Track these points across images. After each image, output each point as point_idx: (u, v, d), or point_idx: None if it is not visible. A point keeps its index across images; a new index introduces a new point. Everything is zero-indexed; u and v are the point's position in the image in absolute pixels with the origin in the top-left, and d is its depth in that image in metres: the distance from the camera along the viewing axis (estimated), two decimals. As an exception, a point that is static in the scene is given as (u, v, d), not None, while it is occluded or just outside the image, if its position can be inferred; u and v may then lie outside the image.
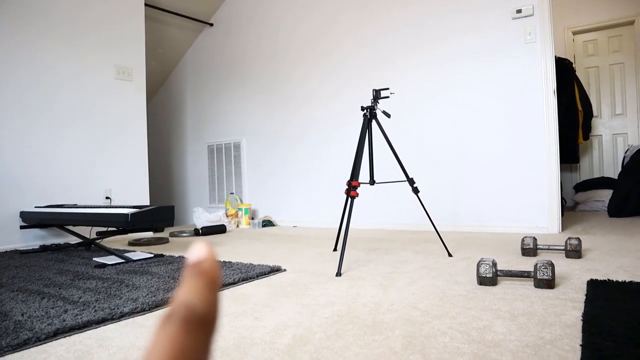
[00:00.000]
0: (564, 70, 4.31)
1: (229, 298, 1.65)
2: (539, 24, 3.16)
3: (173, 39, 5.25)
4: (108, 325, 1.37)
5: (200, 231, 3.88)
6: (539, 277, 1.54)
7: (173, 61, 5.59)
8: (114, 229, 2.62)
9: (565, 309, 1.33)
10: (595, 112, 5.00)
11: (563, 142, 4.00)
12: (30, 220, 3.12)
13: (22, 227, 3.23)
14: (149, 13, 4.62)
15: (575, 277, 1.73)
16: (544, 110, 3.14)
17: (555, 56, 3.39)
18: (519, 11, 3.23)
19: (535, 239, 2.22)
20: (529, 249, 2.21)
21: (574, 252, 2.11)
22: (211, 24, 5.23)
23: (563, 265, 1.97)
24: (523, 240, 2.24)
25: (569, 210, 4.82)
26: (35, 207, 3.35)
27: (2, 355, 1.16)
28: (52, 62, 3.58)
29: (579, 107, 4.50)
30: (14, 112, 3.35)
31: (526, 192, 3.21)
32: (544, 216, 3.14)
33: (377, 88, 2.94)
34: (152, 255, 2.63)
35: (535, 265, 1.56)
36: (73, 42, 3.72)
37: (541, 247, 2.24)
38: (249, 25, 4.90)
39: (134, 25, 4.16)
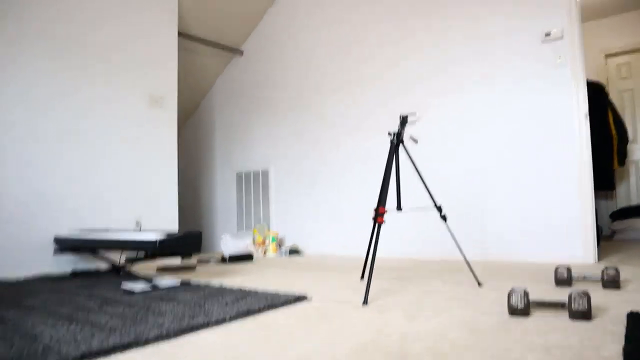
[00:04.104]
0: (597, 94, 4.22)
1: (253, 326, 1.63)
2: (569, 47, 3.13)
3: (204, 67, 5.41)
4: (133, 351, 1.37)
5: (228, 259, 3.90)
6: (574, 308, 1.47)
7: (204, 89, 5.74)
8: (143, 254, 2.66)
9: (604, 342, 1.26)
10: (631, 137, 4.87)
11: (597, 168, 3.89)
12: (63, 245, 3.20)
13: (55, 253, 3.32)
14: (181, 42, 4.78)
15: (613, 308, 1.65)
16: (576, 135, 3.07)
17: (587, 79, 3.33)
18: (547, 34, 3.20)
19: (569, 269, 2.14)
20: (563, 279, 2.13)
21: (611, 282, 2.02)
22: (241, 53, 5.37)
23: (600, 296, 1.88)
24: (557, 269, 2.16)
25: (606, 239, 4.64)
26: (68, 232, 3.44)
27: (30, 380, 1.17)
28: (88, 90, 3.73)
29: (613, 132, 4.38)
30: (48, 136, 3.48)
31: (559, 220, 3.11)
32: (578, 245, 3.03)
33: (403, 114, 2.94)
34: (179, 283, 2.65)
35: (570, 296, 1.50)
36: (110, 72, 3.87)
37: (576, 276, 2.16)
38: (277, 53, 5.00)
39: (167, 55, 4.31)
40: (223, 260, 3.91)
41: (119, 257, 3.62)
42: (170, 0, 4.38)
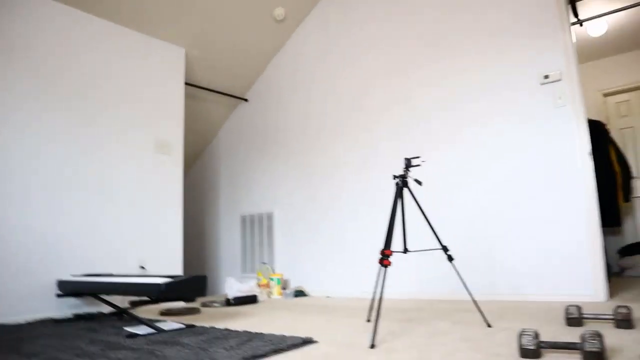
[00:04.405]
0: (598, 132, 4.26)
1: (259, 370, 1.60)
2: (568, 88, 3.18)
3: (210, 113, 5.51)
4: (136, 399, 1.34)
5: (232, 301, 3.85)
6: (587, 349, 1.44)
7: (209, 134, 5.83)
8: (147, 298, 2.63)
9: (619, 385, 1.23)
10: (635, 173, 4.87)
11: (603, 204, 3.88)
12: (66, 288, 3.18)
13: (58, 296, 3.29)
14: (188, 90, 4.90)
15: (628, 349, 1.61)
16: (580, 173, 3.08)
17: (588, 119, 3.37)
18: (546, 77, 3.27)
19: (580, 308, 2.10)
20: (574, 319, 2.08)
21: (624, 321, 1.97)
22: (246, 100, 5.48)
23: (613, 335, 1.84)
24: (567, 309, 2.12)
25: (615, 276, 4.57)
26: (71, 275, 3.42)
27: None
28: (96, 136, 3.79)
29: (616, 168, 4.39)
30: (53, 181, 3.52)
31: (568, 258, 3.08)
32: (588, 283, 2.98)
33: (408, 157, 2.97)
34: (184, 326, 2.61)
35: (583, 336, 1.46)
36: (117, 119, 3.95)
37: (587, 316, 2.12)
38: (282, 100, 5.11)
39: (174, 103, 4.41)
40: (228, 302, 3.85)
41: (122, 301, 3.58)
42: (177, 50, 4.52)
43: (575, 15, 3.89)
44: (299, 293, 4.40)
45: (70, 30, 3.74)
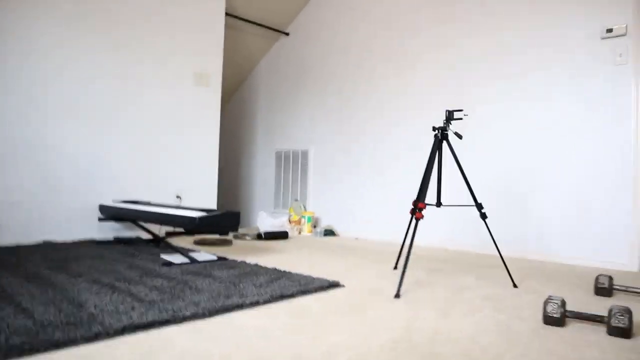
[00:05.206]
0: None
1: (286, 311, 1.67)
2: (632, 44, 2.96)
3: (250, 46, 5.43)
4: (170, 327, 1.43)
5: (263, 235, 3.97)
6: (613, 324, 1.43)
7: (248, 67, 5.77)
8: (182, 229, 2.74)
9: (642, 363, 1.23)
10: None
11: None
12: (108, 213, 3.34)
13: (100, 220, 3.46)
14: (228, 21, 4.81)
15: (655, 325, 1.60)
16: (631, 134, 2.93)
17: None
18: (609, 30, 3.04)
19: (611, 278, 2.07)
20: (604, 289, 2.06)
21: (655, 296, 1.94)
22: (287, 33, 5.35)
23: (642, 310, 1.82)
24: (597, 278, 2.10)
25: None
26: (113, 201, 3.58)
27: (76, 345, 1.24)
28: (136, 69, 3.82)
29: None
30: (98, 110, 3.60)
31: (605, 222, 3.00)
32: (624, 251, 2.92)
33: (450, 109, 2.88)
34: (216, 258, 2.72)
35: (610, 311, 1.45)
36: (157, 51, 3.94)
37: (618, 287, 2.09)
38: (323, 35, 4.96)
39: (214, 34, 4.34)
40: (259, 236, 3.98)
41: (159, 229, 3.75)
42: (221, -25, 4.39)
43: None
44: (329, 232, 4.49)
45: (115, -47, 3.67)
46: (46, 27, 3.33)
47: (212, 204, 4.38)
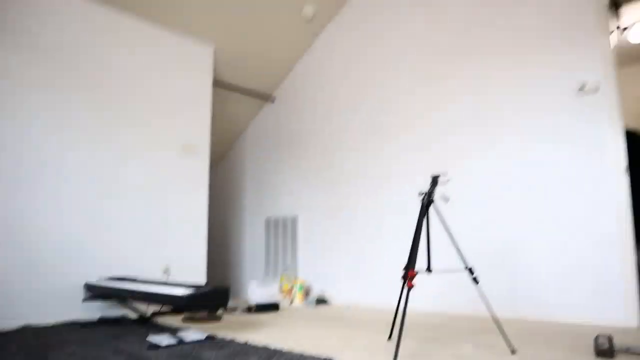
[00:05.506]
0: (637, 143, 4.08)
1: (277, 396, 1.59)
2: (606, 98, 3.06)
3: (237, 112, 5.55)
4: None
5: (254, 308, 3.86)
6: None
7: (235, 134, 5.87)
8: (170, 307, 2.66)
9: None
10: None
11: (638, 222, 3.72)
12: (94, 292, 3.24)
13: (84, 300, 3.36)
14: (215, 89, 4.93)
15: (661, 391, 1.54)
16: (615, 190, 2.97)
17: (628, 129, 3.23)
18: (581, 88, 3.15)
19: (611, 338, 2.02)
20: (605, 350, 2.01)
21: (658, 356, 1.89)
22: (273, 99, 5.48)
23: (646, 373, 1.76)
24: (597, 338, 2.05)
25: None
26: (98, 279, 3.49)
27: None
28: (123, 139, 3.86)
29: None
30: (82, 184, 3.59)
31: (598, 280, 2.97)
32: (618, 306, 2.87)
33: (434, 174, 2.91)
34: (205, 337, 2.63)
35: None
36: (144, 121, 4.00)
37: (619, 347, 2.03)
38: (308, 101, 5.10)
39: (201, 104, 4.44)
40: (249, 309, 3.87)
41: (147, 307, 3.64)
42: (206, 50, 4.55)
43: (618, 21, 3.73)
44: (321, 301, 4.39)
45: (94, 28, 3.80)
46: (28, 95, 3.38)
47: (202, 275, 4.29)
